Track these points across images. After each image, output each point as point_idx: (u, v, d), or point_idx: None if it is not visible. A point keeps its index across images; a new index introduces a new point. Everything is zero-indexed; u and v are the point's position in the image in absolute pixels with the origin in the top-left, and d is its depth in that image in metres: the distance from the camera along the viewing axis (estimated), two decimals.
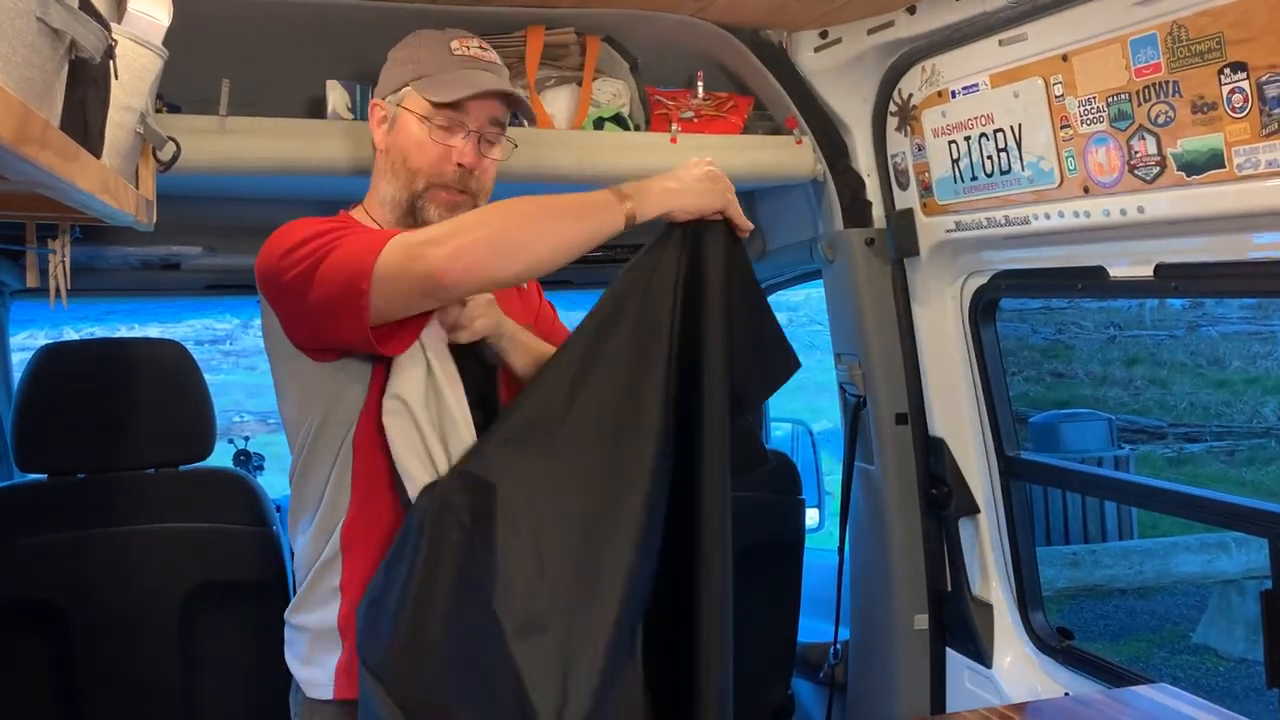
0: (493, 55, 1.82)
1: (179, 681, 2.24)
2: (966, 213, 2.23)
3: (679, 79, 2.45)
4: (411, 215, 1.74)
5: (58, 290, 1.53)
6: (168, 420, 2.27)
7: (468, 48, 1.78)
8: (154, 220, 1.59)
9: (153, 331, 9.53)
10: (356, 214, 1.82)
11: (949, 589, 2.52)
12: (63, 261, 1.54)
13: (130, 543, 2.21)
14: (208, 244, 2.62)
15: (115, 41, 1.11)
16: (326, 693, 1.68)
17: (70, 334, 9.41)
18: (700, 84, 2.39)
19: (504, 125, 1.81)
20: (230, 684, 2.29)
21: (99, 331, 10.61)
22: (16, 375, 2.58)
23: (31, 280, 1.68)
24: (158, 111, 1.91)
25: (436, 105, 1.72)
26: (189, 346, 2.36)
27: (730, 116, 2.42)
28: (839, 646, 2.70)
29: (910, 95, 2.28)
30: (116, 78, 1.18)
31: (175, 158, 1.54)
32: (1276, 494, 9.54)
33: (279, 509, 3.01)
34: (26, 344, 4.02)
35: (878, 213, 2.49)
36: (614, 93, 2.35)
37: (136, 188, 1.46)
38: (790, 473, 2.89)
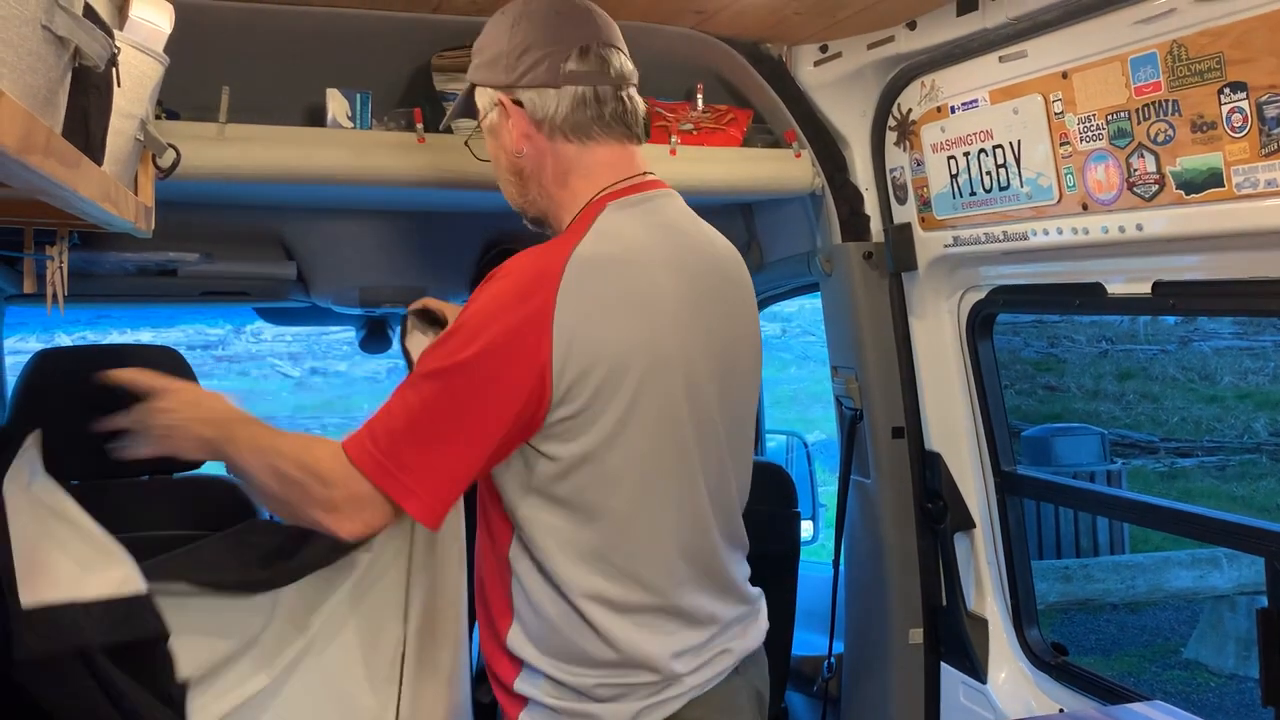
0: None
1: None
2: (965, 228, 2.24)
3: (678, 91, 2.45)
4: None
5: (55, 296, 1.53)
6: None
7: None
8: (152, 226, 1.59)
9: (145, 336, 9.49)
10: None
11: (944, 604, 2.52)
12: (60, 268, 1.53)
13: None
14: (205, 250, 2.61)
15: (118, 49, 1.11)
16: None
17: (63, 338, 9.36)
18: (700, 96, 2.39)
19: None
20: None
21: (91, 336, 10.56)
22: (11, 380, 2.56)
23: (29, 286, 1.67)
24: (157, 118, 1.91)
25: None
26: (180, 351, 2.35)
27: (729, 129, 2.42)
28: (833, 660, 2.69)
29: (909, 110, 2.28)
30: (119, 85, 1.18)
31: (175, 165, 1.54)
32: (1266, 509, 9.56)
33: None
34: (19, 348, 4.00)
35: (876, 227, 2.49)
36: None
37: (136, 194, 1.45)
38: (785, 485, 2.88)
